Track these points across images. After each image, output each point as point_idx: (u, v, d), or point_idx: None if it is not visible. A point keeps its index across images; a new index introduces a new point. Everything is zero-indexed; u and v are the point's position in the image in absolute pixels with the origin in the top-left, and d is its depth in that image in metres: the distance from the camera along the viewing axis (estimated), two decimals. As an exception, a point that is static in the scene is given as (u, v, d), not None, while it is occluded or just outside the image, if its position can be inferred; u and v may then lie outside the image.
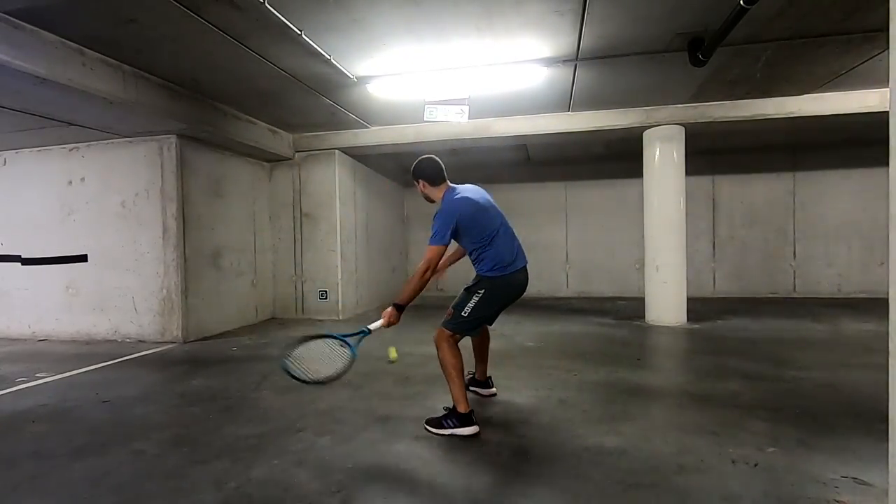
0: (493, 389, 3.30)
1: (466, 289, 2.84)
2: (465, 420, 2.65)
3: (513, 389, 3.41)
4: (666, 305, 6.04)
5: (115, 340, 5.55)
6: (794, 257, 8.47)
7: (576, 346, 4.88)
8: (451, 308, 2.81)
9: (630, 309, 7.22)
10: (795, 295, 8.40)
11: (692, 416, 2.90)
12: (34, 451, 2.57)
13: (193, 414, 3.09)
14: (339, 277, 6.90)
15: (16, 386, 3.81)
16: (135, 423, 2.94)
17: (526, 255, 2.90)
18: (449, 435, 2.63)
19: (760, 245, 8.56)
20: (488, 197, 2.91)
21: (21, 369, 4.34)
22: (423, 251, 2.71)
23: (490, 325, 3.06)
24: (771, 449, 2.40)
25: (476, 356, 3.26)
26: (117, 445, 2.60)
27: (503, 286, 2.77)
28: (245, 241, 6.58)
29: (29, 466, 2.39)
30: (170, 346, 5.24)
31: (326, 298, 6.93)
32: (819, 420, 2.77)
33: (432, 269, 2.64)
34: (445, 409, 2.80)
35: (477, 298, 2.74)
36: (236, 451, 2.49)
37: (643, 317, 6.29)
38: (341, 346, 2.63)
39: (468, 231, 2.73)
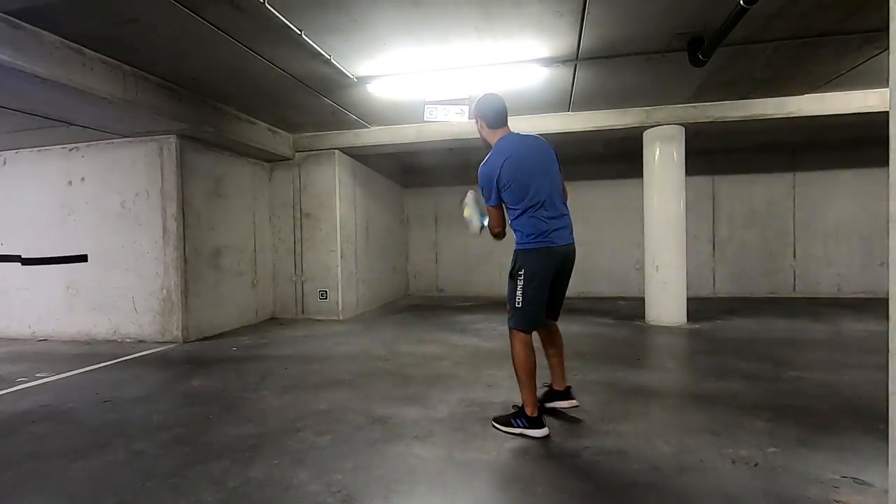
0: (575, 401, 2.86)
1: (509, 275, 2.61)
2: (534, 423, 2.58)
3: (513, 389, 3.40)
4: (666, 305, 6.04)
5: (116, 340, 5.55)
6: (794, 257, 8.47)
7: (576, 346, 4.87)
8: (507, 305, 2.65)
9: (630, 309, 7.22)
10: (795, 295, 8.39)
11: (692, 416, 2.90)
12: (34, 451, 2.57)
13: (193, 414, 3.09)
14: (339, 277, 6.90)
15: (16, 386, 3.81)
16: (135, 423, 2.94)
17: (573, 236, 2.68)
18: (518, 434, 2.60)
19: (760, 245, 8.56)
20: (547, 157, 2.66)
21: (21, 369, 4.34)
22: (422, 251, 2.72)
23: (555, 316, 2.80)
24: (771, 449, 2.40)
25: (548, 360, 2.87)
26: (117, 445, 2.60)
27: (541, 259, 2.53)
28: (245, 241, 6.58)
29: (29, 466, 2.39)
30: (170, 346, 5.25)
31: (326, 298, 6.93)
32: (819, 420, 2.77)
33: (499, 229, 2.61)
34: (515, 408, 2.75)
35: (522, 283, 2.53)
36: (236, 451, 2.49)
37: (643, 317, 6.29)
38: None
39: (507, 191, 2.53)
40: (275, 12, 3.29)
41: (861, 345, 4.72)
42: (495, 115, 2.67)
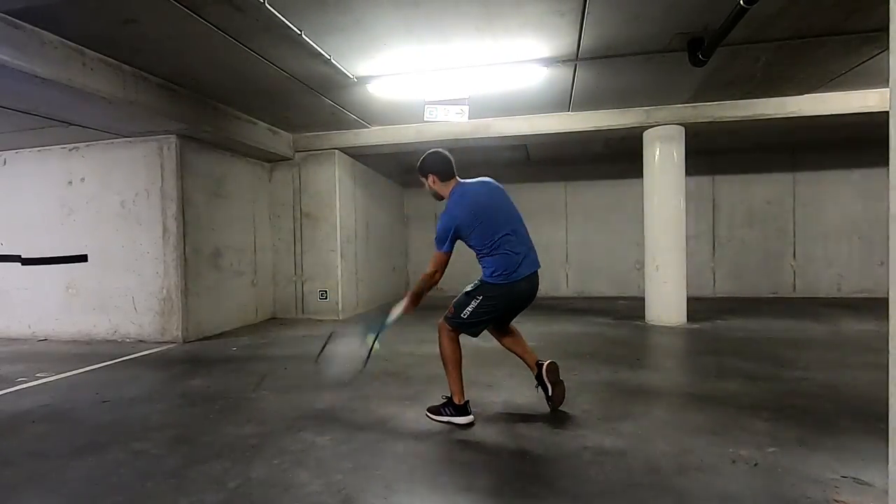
0: (550, 360, 2.92)
1: (466, 292, 2.76)
2: (460, 410, 2.76)
3: (513, 389, 3.41)
4: (666, 305, 6.04)
5: (115, 340, 5.55)
6: (794, 257, 8.47)
7: (576, 346, 4.88)
8: (451, 305, 2.78)
9: (630, 309, 7.21)
10: (795, 295, 8.39)
11: (692, 416, 2.90)
12: (34, 451, 2.57)
13: (193, 414, 3.09)
14: (339, 277, 6.91)
15: (16, 386, 3.81)
16: (135, 423, 2.94)
17: (538, 259, 2.79)
18: (446, 422, 2.76)
19: (760, 245, 8.56)
20: (500, 195, 2.81)
21: (21, 369, 4.34)
22: (422, 251, 2.74)
23: (503, 329, 2.99)
24: (771, 449, 2.40)
25: (518, 354, 3.01)
26: (117, 445, 2.60)
27: (504, 295, 2.70)
28: (245, 241, 6.58)
29: (29, 466, 2.39)
30: (170, 346, 5.25)
31: (326, 298, 6.93)
32: (819, 420, 2.77)
33: (438, 273, 2.70)
34: (444, 398, 2.86)
35: (475, 304, 2.70)
36: (236, 451, 2.49)
37: (643, 317, 6.29)
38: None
39: (469, 235, 2.69)
40: (275, 12, 3.29)
41: (861, 345, 4.72)
42: (444, 168, 2.80)
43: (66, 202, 5.72)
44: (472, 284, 2.78)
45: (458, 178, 2.84)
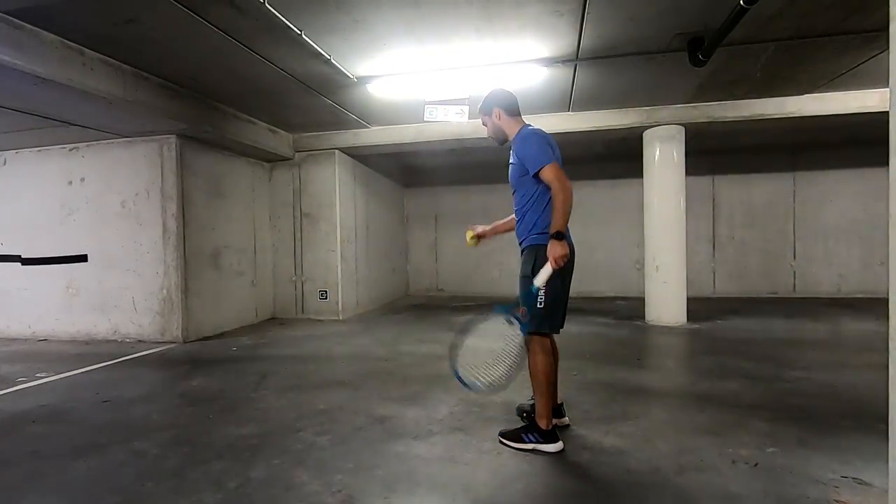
0: (566, 419, 2.74)
1: (523, 276, 2.42)
2: (548, 436, 2.40)
3: (513, 390, 3.39)
4: (666, 305, 6.04)
5: (115, 340, 5.55)
6: (794, 257, 8.47)
7: (576, 346, 4.87)
8: (521, 307, 2.42)
9: (630, 309, 7.21)
10: (795, 295, 8.39)
11: (692, 416, 2.90)
12: (34, 451, 2.57)
13: (193, 414, 3.09)
14: (339, 277, 6.90)
15: (16, 386, 3.81)
16: (135, 423, 2.94)
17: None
18: (531, 450, 2.41)
19: (760, 245, 8.56)
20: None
21: (21, 369, 4.34)
22: (422, 250, 2.66)
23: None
24: (771, 449, 2.40)
25: None
26: (117, 445, 2.60)
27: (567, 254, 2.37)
28: (245, 241, 6.58)
29: (29, 466, 2.39)
30: (170, 346, 5.25)
31: (326, 298, 6.93)
32: (819, 420, 2.77)
33: (565, 179, 2.31)
34: (525, 420, 2.59)
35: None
36: (236, 451, 2.49)
37: (643, 317, 6.29)
38: (507, 322, 2.40)
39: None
40: (275, 12, 3.29)
41: (861, 345, 4.72)
42: (513, 103, 2.57)
43: (67, 202, 5.72)
44: (524, 263, 2.44)
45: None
